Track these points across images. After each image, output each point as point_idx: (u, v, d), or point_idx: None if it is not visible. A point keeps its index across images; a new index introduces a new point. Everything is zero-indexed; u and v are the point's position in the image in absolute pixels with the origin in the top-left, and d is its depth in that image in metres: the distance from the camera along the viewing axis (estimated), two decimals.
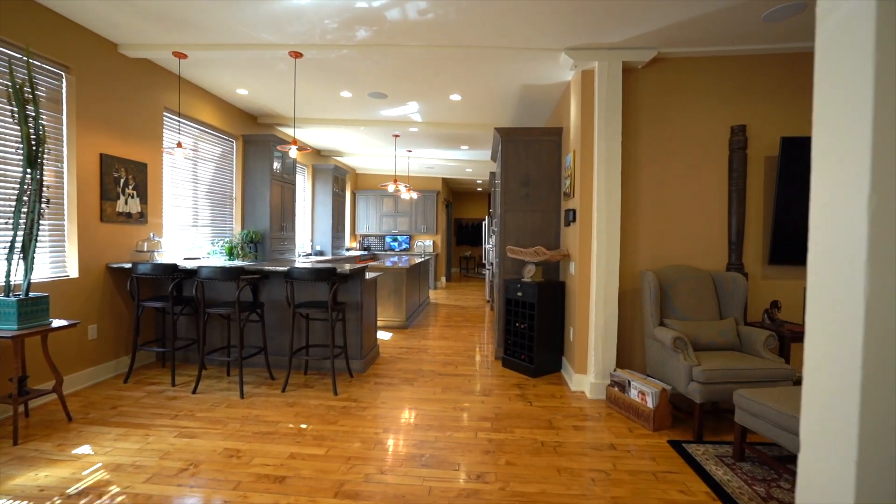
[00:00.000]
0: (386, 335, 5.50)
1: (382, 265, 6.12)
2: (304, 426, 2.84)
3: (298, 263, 4.67)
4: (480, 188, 13.85)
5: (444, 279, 11.35)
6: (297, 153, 4.05)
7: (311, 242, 7.96)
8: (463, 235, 15.33)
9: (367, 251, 10.19)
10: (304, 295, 3.99)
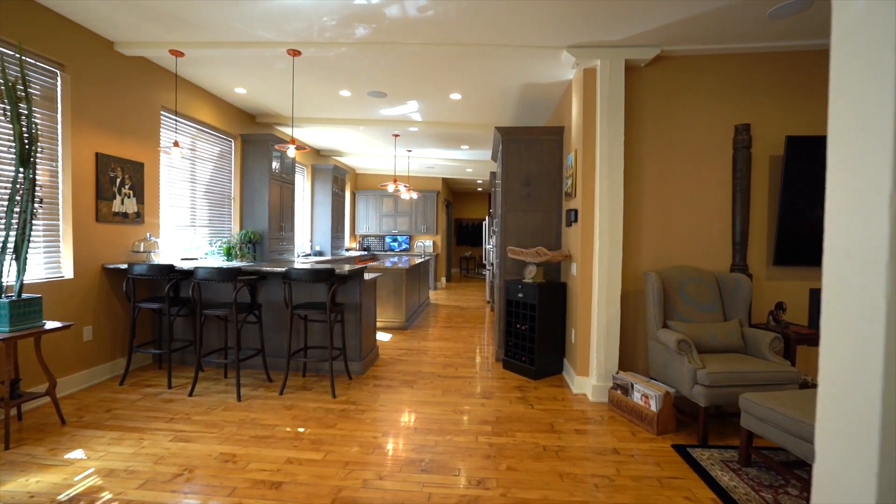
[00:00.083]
0: (385, 336, 5.45)
1: (382, 265, 6.07)
2: (301, 430, 2.79)
3: (297, 264, 4.62)
4: (481, 188, 13.80)
5: (444, 280, 11.30)
6: (295, 153, 4.00)
7: (310, 243, 7.91)
8: (463, 236, 15.29)
9: (366, 251, 10.14)
10: (302, 296, 3.94)
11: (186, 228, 4.69)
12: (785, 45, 3.31)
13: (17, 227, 2.55)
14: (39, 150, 3.07)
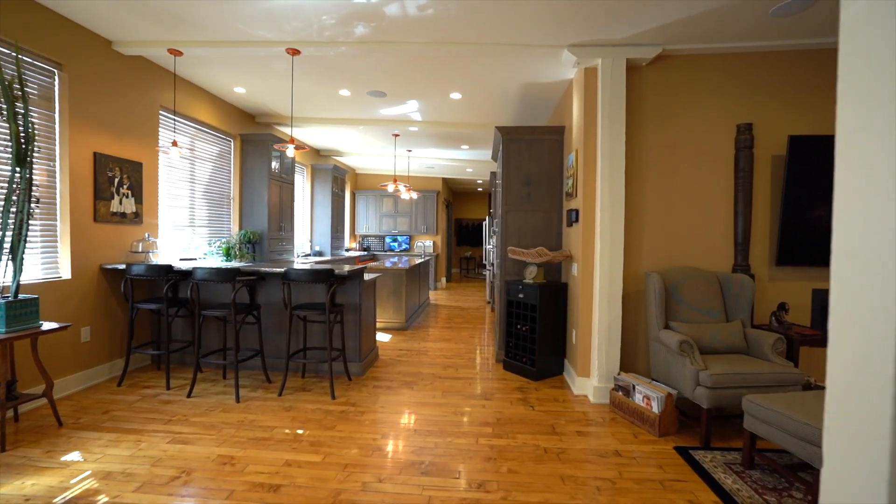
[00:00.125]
0: (385, 337, 5.43)
1: (382, 266, 6.05)
2: (300, 432, 2.77)
3: (297, 264, 4.60)
4: (481, 188, 13.79)
5: (444, 280, 11.28)
6: (295, 152, 3.98)
7: (310, 243, 7.89)
8: (463, 236, 15.26)
9: (366, 252, 10.12)
10: (301, 296, 3.92)
11: (185, 228, 4.67)
12: (787, 43, 3.28)
13: (13, 227, 2.53)
14: (37, 149, 3.04)
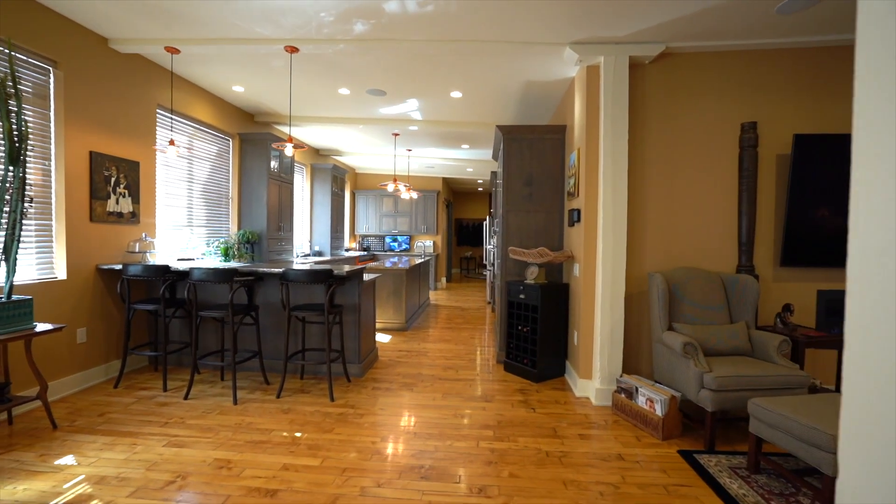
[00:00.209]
0: (385, 338, 5.39)
1: (382, 266, 6.01)
2: (298, 435, 2.73)
3: (296, 264, 4.56)
4: (481, 188, 13.74)
5: (444, 280, 11.24)
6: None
7: (309, 243, 7.85)
8: (463, 236, 15.22)
9: (366, 252, 10.08)
10: (300, 297, 3.88)
11: (183, 228, 4.62)
12: (793, 41, 3.24)
13: (6, 226, 2.49)
14: (31, 148, 3.01)
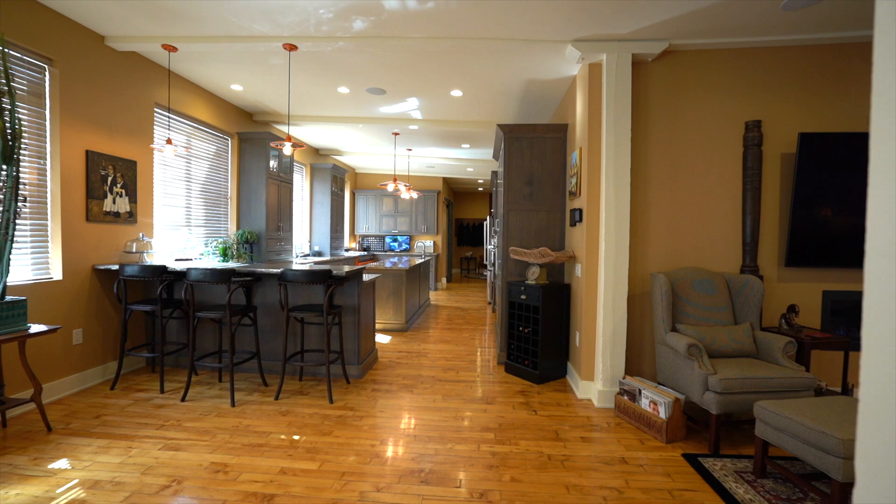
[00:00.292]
0: (385, 338, 5.35)
1: (382, 266, 5.97)
2: (296, 437, 2.68)
3: (296, 265, 4.52)
4: (482, 188, 13.70)
5: (444, 280, 11.20)
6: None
7: (309, 243, 7.81)
8: (464, 236, 15.18)
9: (366, 252, 10.04)
10: (298, 298, 3.84)
11: (181, 228, 4.58)
12: (798, 38, 3.20)
13: None
14: (25, 147, 2.97)
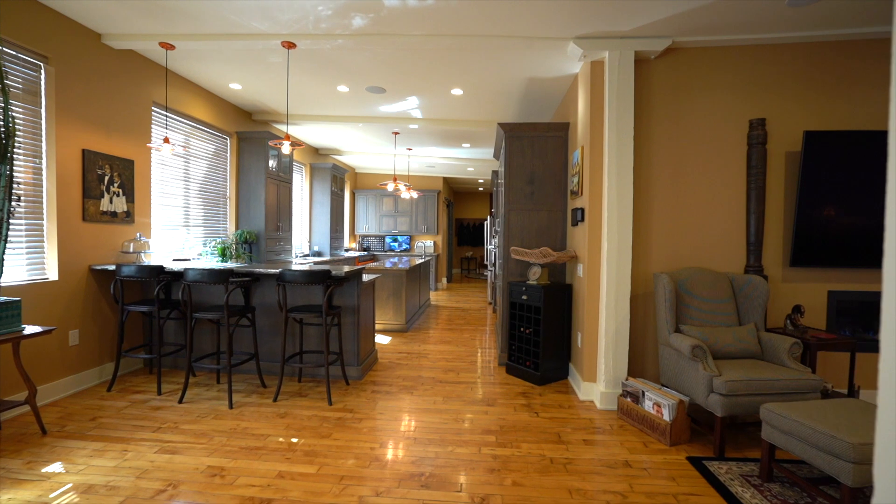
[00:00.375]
0: (385, 339, 5.31)
1: (382, 266, 5.93)
2: (295, 440, 2.65)
3: (295, 265, 4.48)
4: (482, 188, 13.66)
5: (444, 280, 11.16)
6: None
7: (308, 243, 7.77)
8: (464, 236, 15.14)
9: (366, 252, 10.00)
10: (297, 298, 3.80)
11: (179, 228, 4.55)
12: (803, 35, 3.15)
13: None
14: (20, 145, 2.93)
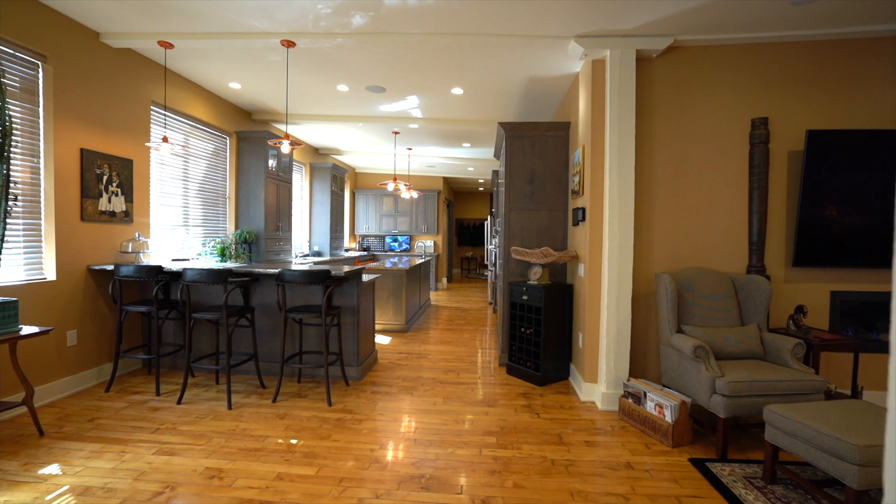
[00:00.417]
0: (385, 339, 5.29)
1: (382, 266, 5.91)
2: (294, 441, 2.62)
3: (295, 265, 4.46)
4: (482, 188, 13.64)
5: (445, 280, 11.14)
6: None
7: (308, 243, 7.75)
8: (464, 236, 15.12)
9: (366, 252, 9.98)
10: (297, 298, 3.78)
11: (179, 228, 4.53)
12: (806, 34, 3.13)
13: None
14: (16, 144, 2.91)
